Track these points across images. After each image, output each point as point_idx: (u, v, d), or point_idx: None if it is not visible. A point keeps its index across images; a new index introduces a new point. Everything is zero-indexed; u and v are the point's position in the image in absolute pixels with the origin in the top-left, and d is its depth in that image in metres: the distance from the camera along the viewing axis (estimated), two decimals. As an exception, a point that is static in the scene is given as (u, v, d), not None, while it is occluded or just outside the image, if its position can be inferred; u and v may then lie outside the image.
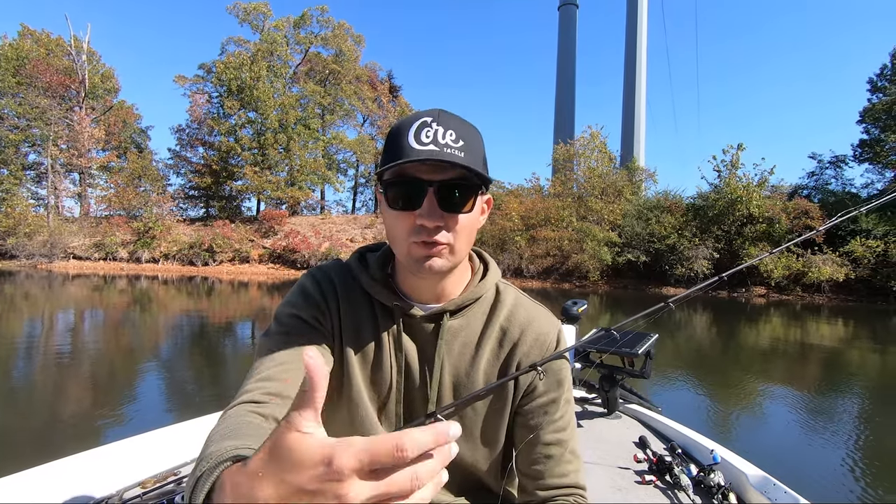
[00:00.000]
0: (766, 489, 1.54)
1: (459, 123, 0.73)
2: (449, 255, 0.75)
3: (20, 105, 32.41)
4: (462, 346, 0.84)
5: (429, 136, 0.70)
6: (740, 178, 22.49)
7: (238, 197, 38.30)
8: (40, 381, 5.43)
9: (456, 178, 0.72)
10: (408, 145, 0.69)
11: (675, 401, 5.25)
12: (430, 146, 0.69)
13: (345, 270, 0.87)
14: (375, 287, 0.84)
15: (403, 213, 0.73)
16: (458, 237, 0.74)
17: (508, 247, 25.34)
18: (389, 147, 0.73)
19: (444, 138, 0.70)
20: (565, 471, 0.83)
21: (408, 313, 0.82)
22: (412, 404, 0.84)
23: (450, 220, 0.73)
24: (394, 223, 0.74)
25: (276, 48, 36.76)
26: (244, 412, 0.66)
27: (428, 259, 0.73)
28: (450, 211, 0.72)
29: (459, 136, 0.71)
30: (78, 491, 1.41)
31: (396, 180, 0.72)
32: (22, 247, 28.41)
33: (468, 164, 0.69)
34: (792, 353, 8.60)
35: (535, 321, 0.86)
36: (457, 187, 0.72)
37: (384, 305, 0.84)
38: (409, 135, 0.70)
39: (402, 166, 0.70)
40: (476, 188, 0.74)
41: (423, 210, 0.71)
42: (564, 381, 0.86)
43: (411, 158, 0.68)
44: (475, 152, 0.73)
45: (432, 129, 0.70)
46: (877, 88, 25.96)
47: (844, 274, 19.05)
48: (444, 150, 0.69)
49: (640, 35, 59.37)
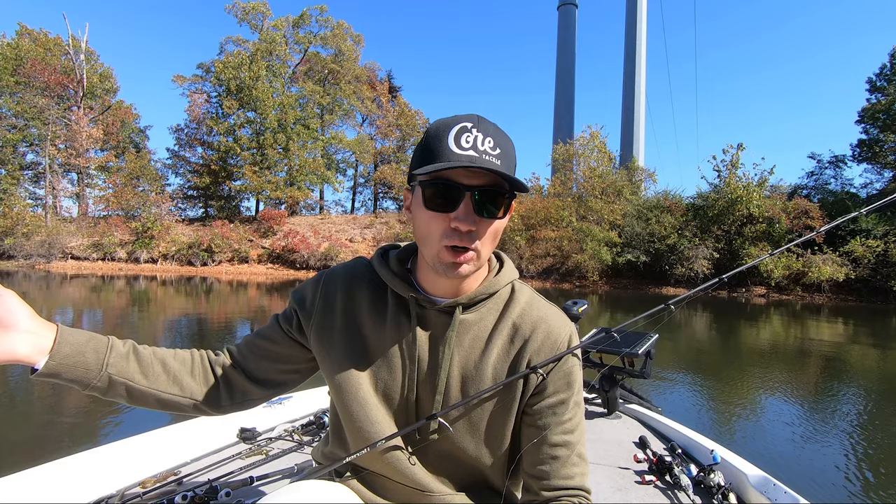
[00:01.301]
0: (767, 489, 1.54)
1: (496, 131, 0.75)
2: (476, 261, 0.77)
3: (18, 104, 32.38)
4: (473, 340, 0.85)
5: (469, 141, 0.71)
6: (740, 178, 22.54)
7: (237, 197, 38.34)
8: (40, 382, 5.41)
9: (492, 184, 0.73)
10: (448, 149, 0.71)
11: (675, 401, 5.25)
12: (469, 151, 0.71)
13: (364, 266, 0.92)
14: (393, 280, 0.86)
15: (438, 215, 0.74)
16: (485, 243, 0.77)
17: (508, 247, 25.38)
18: (428, 147, 0.74)
19: (483, 145, 0.72)
20: (571, 473, 0.83)
21: (422, 305, 0.85)
22: (420, 394, 0.85)
23: (482, 225, 0.75)
24: (427, 223, 0.76)
25: (275, 48, 36.78)
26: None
27: (458, 266, 0.76)
28: (484, 216, 0.74)
29: (497, 144, 0.73)
30: (78, 490, 1.41)
31: (435, 181, 0.73)
32: (19, 247, 28.43)
33: (506, 172, 0.71)
34: (792, 353, 8.62)
35: (547, 320, 0.87)
36: (492, 193, 0.74)
37: (400, 297, 0.86)
38: (448, 138, 0.72)
39: (442, 169, 0.72)
40: (509, 195, 0.76)
41: (458, 213, 0.72)
42: (574, 383, 0.86)
43: (452, 162, 0.70)
44: (510, 160, 0.75)
45: (472, 134, 0.72)
46: (876, 88, 26.00)
47: (844, 274, 19.10)
48: (483, 157, 0.71)
49: (640, 34, 59.43)
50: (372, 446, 0.81)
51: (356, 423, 0.84)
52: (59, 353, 0.72)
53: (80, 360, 0.74)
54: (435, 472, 0.87)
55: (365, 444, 0.83)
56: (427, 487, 0.85)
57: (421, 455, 0.86)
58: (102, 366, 0.76)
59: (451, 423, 0.83)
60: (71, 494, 1.39)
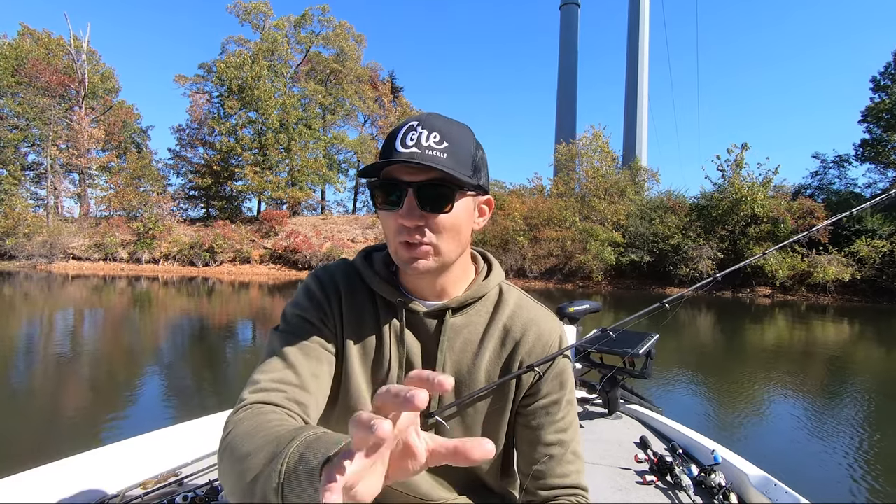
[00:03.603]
0: (767, 489, 1.54)
1: (445, 124, 0.75)
2: (434, 256, 0.77)
3: (19, 104, 32.47)
4: (464, 344, 0.85)
5: (413, 139, 0.72)
6: (744, 178, 22.45)
7: (238, 197, 38.30)
8: (40, 383, 5.44)
9: (436, 178, 0.73)
10: (393, 150, 0.73)
11: (676, 401, 5.24)
12: (412, 149, 0.72)
13: (349, 269, 0.89)
14: (380, 284, 0.85)
15: (389, 213, 0.76)
16: (442, 237, 0.76)
17: (511, 247, 25.30)
18: (381, 151, 0.76)
19: (427, 140, 0.72)
20: (567, 471, 0.83)
21: (410, 309, 0.84)
22: None
23: (430, 220, 0.75)
24: (384, 223, 0.78)
25: (277, 48, 36.76)
26: (275, 410, 0.69)
27: (413, 261, 0.76)
28: (430, 211, 0.74)
29: (444, 138, 0.73)
30: (79, 491, 1.41)
31: (381, 181, 0.75)
32: (21, 247, 28.47)
33: (446, 167, 0.71)
34: (795, 354, 8.60)
35: (537, 321, 0.87)
36: (437, 188, 0.74)
37: (388, 302, 0.85)
38: (396, 139, 0.73)
39: (387, 168, 0.74)
40: (457, 189, 0.75)
41: (402, 210, 0.73)
42: (567, 382, 0.87)
43: (391, 161, 0.72)
44: (460, 153, 0.75)
45: (417, 131, 0.73)
46: (879, 87, 25.85)
47: (850, 274, 19.00)
48: (426, 153, 0.71)
49: (642, 34, 59.29)
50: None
51: (346, 427, 0.83)
52: None
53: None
54: (433, 478, 0.87)
55: None
56: (426, 493, 0.85)
57: None
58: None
59: (447, 426, 0.83)
60: (72, 495, 1.39)
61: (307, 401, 0.74)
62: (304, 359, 0.78)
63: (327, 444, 0.45)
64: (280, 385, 0.73)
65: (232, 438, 0.61)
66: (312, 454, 0.45)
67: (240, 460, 0.55)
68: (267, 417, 0.63)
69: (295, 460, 0.46)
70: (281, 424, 0.59)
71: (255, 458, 0.53)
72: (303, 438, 0.49)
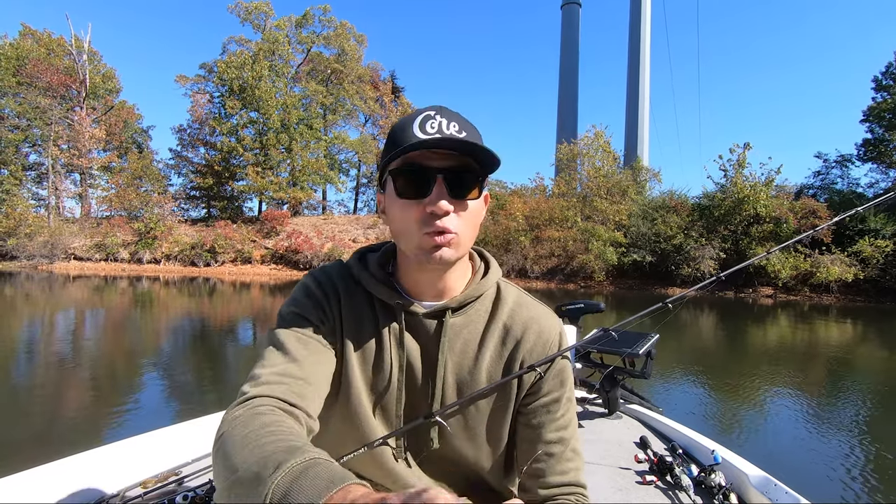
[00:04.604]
0: (767, 489, 1.54)
1: (460, 117, 0.76)
2: (458, 246, 0.75)
3: (20, 105, 32.57)
4: (465, 344, 0.84)
5: (434, 126, 0.72)
6: (747, 178, 22.41)
7: (240, 197, 38.39)
8: (41, 383, 5.45)
9: (462, 165, 0.73)
10: (414, 136, 0.71)
11: (676, 401, 5.24)
12: (435, 135, 0.71)
13: (345, 270, 0.87)
14: (377, 286, 0.84)
15: (412, 203, 0.73)
16: (466, 226, 0.76)
17: (513, 247, 25.29)
18: (394, 140, 0.74)
19: (449, 129, 0.72)
20: (566, 469, 0.83)
21: (409, 311, 0.82)
22: (415, 402, 0.84)
23: (458, 207, 0.74)
24: (402, 214, 0.75)
25: (278, 48, 36.81)
26: (274, 409, 0.66)
27: (437, 249, 0.73)
28: (458, 197, 0.74)
29: (462, 128, 0.73)
30: (79, 490, 1.41)
31: (404, 168, 0.73)
32: (22, 247, 28.57)
33: (477, 142, 0.71)
34: (797, 354, 8.58)
35: (537, 319, 0.86)
36: (463, 173, 0.74)
37: (385, 304, 0.84)
38: (413, 127, 0.72)
39: (409, 156, 0.72)
40: (481, 175, 0.76)
41: (432, 197, 0.72)
42: (567, 381, 0.86)
43: (421, 143, 0.70)
44: (478, 141, 0.75)
45: (436, 120, 0.72)
46: (881, 87, 25.80)
47: (853, 274, 18.96)
48: (451, 139, 0.71)
49: (644, 34, 59.24)
50: (369, 448, 0.81)
51: (351, 434, 0.83)
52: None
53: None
54: (435, 479, 0.87)
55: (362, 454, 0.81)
56: None
57: (420, 462, 0.86)
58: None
59: (449, 426, 0.83)
60: (72, 495, 1.39)
61: (310, 394, 0.72)
62: (306, 352, 0.76)
63: (315, 482, 0.45)
64: (282, 378, 0.71)
65: (223, 442, 0.59)
66: (298, 492, 0.44)
67: (228, 470, 0.54)
68: (262, 421, 0.61)
69: (279, 494, 0.45)
70: (272, 435, 0.57)
71: (241, 473, 0.52)
72: (288, 469, 0.47)
